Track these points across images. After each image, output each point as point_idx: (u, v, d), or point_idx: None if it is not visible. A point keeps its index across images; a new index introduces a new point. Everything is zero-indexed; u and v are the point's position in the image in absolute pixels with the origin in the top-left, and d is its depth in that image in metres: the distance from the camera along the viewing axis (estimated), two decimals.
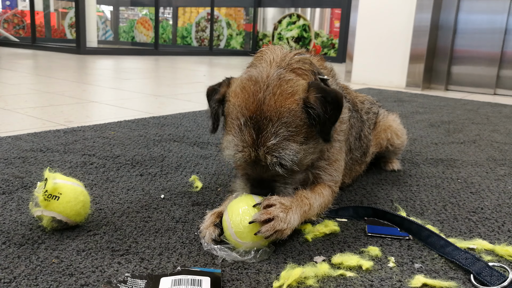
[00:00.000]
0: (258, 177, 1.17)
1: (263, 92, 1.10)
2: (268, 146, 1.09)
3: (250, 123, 1.09)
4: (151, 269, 1.02)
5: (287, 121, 1.09)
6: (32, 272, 0.98)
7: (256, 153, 1.11)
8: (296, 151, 1.11)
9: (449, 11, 5.32)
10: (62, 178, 1.20)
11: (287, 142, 1.10)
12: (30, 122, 2.51)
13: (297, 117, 1.10)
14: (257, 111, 1.09)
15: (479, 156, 2.25)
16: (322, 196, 1.30)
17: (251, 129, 1.09)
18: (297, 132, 1.11)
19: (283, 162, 1.11)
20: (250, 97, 1.11)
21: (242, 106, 1.12)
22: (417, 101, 4.30)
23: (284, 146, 1.10)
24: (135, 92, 3.98)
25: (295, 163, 1.13)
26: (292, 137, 1.10)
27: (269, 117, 1.08)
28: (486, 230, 1.33)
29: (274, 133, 1.08)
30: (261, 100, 1.09)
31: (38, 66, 6.01)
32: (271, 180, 1.18)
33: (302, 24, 10.95)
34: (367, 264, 1.07)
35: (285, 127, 1.09)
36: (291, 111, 1.10)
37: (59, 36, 12.80)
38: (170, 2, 13.51)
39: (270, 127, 1.08)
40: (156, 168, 1.78)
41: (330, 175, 1.36)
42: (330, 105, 1.12)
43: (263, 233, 1.07)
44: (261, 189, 1.17)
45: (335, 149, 1.37)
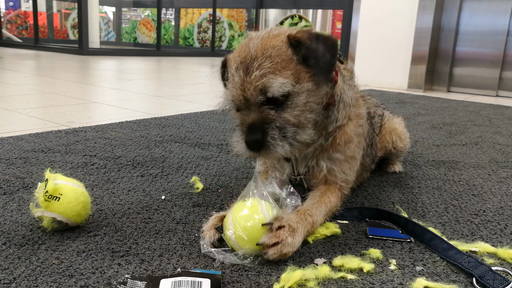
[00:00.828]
0: (250, 122, 1.14)
1: (253, 41, 1.17)
2: (252, 78, 1.11)
3: (240, 67, 1.14)
4: (151, 270, 1.02)
5: (270, 54, 1.11)
6: (32, 273, 0.98)
7: (244, 92, 1.12)
8: (282, 82, 1.10)
9: (451, 12, 5.31)
10: (62, 179, 1.20)
11: (272, 74, 1.10)
12: (32, 123, 2.51)
13: (282, 52, 1.12)
14: (247, 55, 1.14)
15: (481, 158, 2.24)
16: (329, 205, 1.29)
17: (240, 71, 1.13)
18: (284, 67, 1.11)
19: (267, 92, 1.10)
20: (242, 48, 1.18)
21: (236, 56, 1.18)
22: (419, 102, 4.29)
23: (268, 77, 1.10)
24: (137, 93, 3.98)
25: (283, 96, 1.11)
26: (277, 70, 1.11)
27: (255, 55, 1.12)
28: (488, 233, 1.32)
29: (258, 66, 1.11)
30: (251, 47, 1.15)
31: (40, 67, 6.02)
32: (263, 123, 1.13)
33: (304, 25, 10.95)
34: (368, 266, 1.06)
35: (269, 61, 1.11)
36: (275, 46, 1.13)
37: (61, 37, 12.84)
38: (172, 3, 13.53)
39: (255, 63, 1.11)
40: (157, 169, 1.78)
41: (343, 173, 1.35)
42: (322, 43, 1.13)
43: (269, 256, 1.06)
44: (253, 134, 1.12)
45: (354, 144, 1.35)
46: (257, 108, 1.13)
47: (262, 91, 1.10)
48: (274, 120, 1.13)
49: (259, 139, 1.12)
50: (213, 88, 4.77)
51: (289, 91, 1.11)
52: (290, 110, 1.14)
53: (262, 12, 11.66)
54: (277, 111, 1.13)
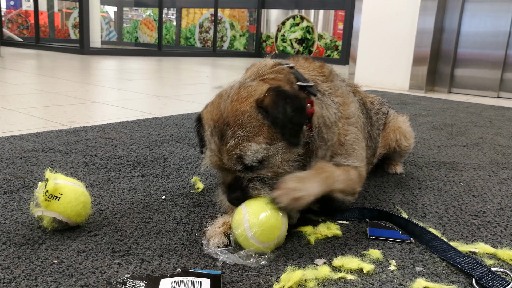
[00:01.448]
0: (230, 183, 1.17)
1: (224, 102, 1.16)
2: (227, 148, 1.12)
3: (214, 132, 1.15)
4: (151, 270, 1.02)
5: (242, 122, 1.12)
6: (32, 272, 0.98)
7: (221, 159, 1.14)
8: (256, 149, 1.11)
9: (453, 13, 5.31)
10: (63, 179, 1.20)
11: (246, 142, 1.11)
12: (33, 122, 2.52)
13: (252, 118, 1.12)
14: (219, 120, 1.14)
15: (481, 159, 2.24)
16: (348, 173, 1.30)
17: (216, 137, 1.14)
18: (256, 133, 1.12)
19: (244, 160, 1.11)
20: (214, 109, 1.18)
21: (209, 118, 1.18)
22: (420, 103, 4.29)
23: (242, 146, 1.11)
24: (138, 93, 3.99)
25: (259, 161, 1.12)
26: (250, 137, 1.11)
27: (227, 122, 1.13)
28: (488, 234, 1.32)
29: (232, 135, 1.11)
30: (222, 109, 1.15)
31: (41, 66, 6.03)
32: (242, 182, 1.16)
33: (305, 25, 10.95)
34: (368, 267, 1.06)
35: (241, 129, 1.11)
36: (245, 113, 1.12)
37: (62, 36, 12.85)
38: (173, 3, 13.54)
39: (229, 131, 1.12)
40: (157, 169, 1.78)
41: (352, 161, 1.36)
42: (289, 105, 1.12)
43: (279, 200, 1.08)
44: (233, 192, 1.16)
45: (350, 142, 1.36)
46: (235, 170, 1.15)
47: (238, 160, 1.12)
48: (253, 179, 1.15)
49: (239, 196, 1.15)
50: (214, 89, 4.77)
51: (263, 156, 1.12)
52: (267, 169, 1.16)
53: (263, 12, 11.66)
54: (255, 172, 1.15)
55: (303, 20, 10.98)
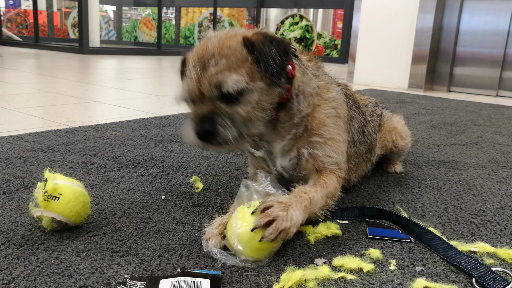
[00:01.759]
0: (202, 114, 1.16)
1: (212, 41, 1.20)
2: (208, 74, 1.14)
3: (197, 63, 1.17)
4: (150, 270, 1.02)
5: (227, 53, 1.15)
6: (31, 273, 0.98)
7: (200, 86, 1.15)
8: (236, 79, 1.13)
9: (452, 12, 5.31)
10: (62, 179, 1.20)
11: (227, 71, 1.14)
12: (32, 122, 2.51)
13: (237, 52, 1.16)
14: (204, 53, 1.17)
15: (481, 158, 2.24)
16: (325, 186, 1.28)
17: (197, 67, 1.16)
18: (239, 65, 1.15)
19: (222, 88, 1.12)
20: (201, 47, 1.21)
21: (194, 54, 1.21)
22: (419, 102, 4.29)
23: (224, 73, 1.13)
24: (137, 92, 3.98)
25: (237, 92, 1.13)
26: (232, 68, 1.14)
27: (211, 53, 1.16)
28: (488, 233, 1.32)
29: (215, 64, 1.14)
30: (209, 45, 1.19)
31: (40, 66, 6.02)
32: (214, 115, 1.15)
33: (304, 24, 10.94)
34: (368, 266, 1.06)
35: (225, 59, 1.15)
36: (231, 46, 1.17)
37: (62, 35, 12.83)
38: (173, 2, 13.52)
39: (212, 61, 1.15)
40: (157, 168, 1.78)
41: (329, 156, 1.33)
42: (274, 46, 1.16)
43: (267, 237, 1.04)
44: (204, 124, 1.14)
45: (328, 126, 1.34)
46: (211, 102, 1.16)
47: (217, 86, 1.13)
48: (226, 112, 1.15)
49: (209, 129, 1.14)
50: None
51: (243, 88, 1.14)
52: (242, 106, 1.16)
53: (263, 11, 11.65)
54: (230, 106, 1.15)
55: (302, 19, 10.98)
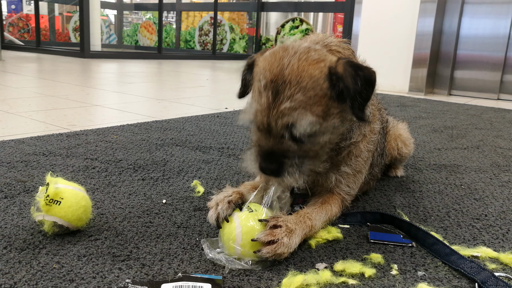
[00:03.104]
0: (269, 149, 1.08)
1: (289, 57, 1.07)
2: (281, 109, 1.02)
3: (269, 86, 1.05)
4: (152, 275, 1.02)
5: (306, 86, 1.03)
6: (32, 277, 0.98)
7: (269, 118, 1.04)
8: (311, 121, 1.02)
9: (452, 16, 5.32)
10: (63, 183, 1.20)
11: (302, 109, 1.02)
12: (33, 126, 2.52)
13: (318, 85, 1.04)
14: (279, 75, 1.05)
15: (482, 162, 2.24)
16: (329, 213, 1.29)
17: (269, 92, 1.04)
18: (316, 102, 1.03)
19: (294, 129, 1.03)
20: (275, 61, 1.08)
21: (266, 69, 1.08)
22: (420, 106, 4.29)
23: (298, 112, 1.02)
24: (138, 96, 3.99)
25: (308, 135, 1.05)
26: (309, 105, 1.03)
27: (288, 80, 1.03)
28: (490, 238, 1.32)
29: (290, 96, 1.02)
30: (285, 65, 1.05)
31: (42, 70, 6.03)
32: (282, 155, 1.08)
33: (305, 28, 10.96)
34: (369, 271, 1.06)
35: (302, 93, 1.02)
36: (312, 77, 1.04)
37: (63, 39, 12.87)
38: (173, 6, 13.56)
39: (287, 91, 1.02)
40: (158, 172, 1.78)
41: (348, 187, 1.34)
42: (361, 80, 1.05)
43: (263, 254, 1.06)
44: (270, 163, 1.08)
45: (363, 160, 1.34)
46: (279, 137, 1.06)
47: (289, 127, 1.04)
48: (294, 154, 1.08)
49: (275, 170, 1.08)
50: (214, 92, 4.78)
51: (315, 130, 1.05)
52: (311, 146, 1.09)
53: (263, 15, 11.68)
54: (299, 145, 1.08)
55: (302, 23, 11.00)
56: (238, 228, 1.09)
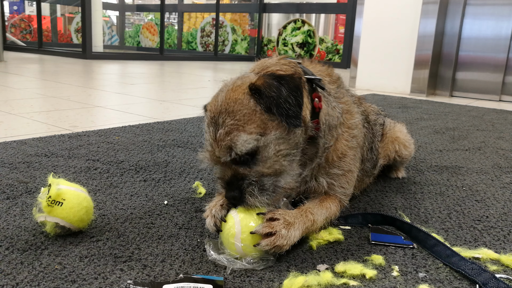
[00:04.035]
0: (227, 179, 1.14)
1: (221, 93, 1.15)
2: (219, 138, 1.09)
3: (210, 123, 1.13)
4: (153, 276, 1.02)
5: (233, 110, 1.09)
6: (34, 278, 0.98)
7: (214, 151, 1.12)
8: (245, 140, 1.07)
9: (454, 17, 5.32)
10: (65, 184, 1.20)
11: (235, 131, 1.08)
12: (35, 127, 2.53)
13: (243, 105, 1.09)
14: (215, 110, 1.13)
15: (484, 163, 2.24)
16: (329, 210, 1.29)
17: (211, 128, 1.13)
18: (247, 121, 1.08)
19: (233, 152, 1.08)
20: (213, 100, 1.16)
21: (209, 108, 1.16)
22: (422, 107, 4.28)
23: (232, 135, 1.08)
24: (140, 97, 4.00)
25: (251, 153, 1.09)
26: (241, 126, 1.08)
27: (219, 111, 1.11)
28: (492, 239, 1.32)
29: (222, 124, 1.09)
30: (218, 100, 1.14)
31: (44, 71, 6.05)
32: (237, 180, 1.12)
33: (306, 29, 10.97)
34: (370, 272, 1.06)
35: (231, 117, 1.09)
36: (236, 100, 1.10)
37: (65, 40, 12.90)
38: (175, 8, 13.59)
39: (220, 121, 1.10)
40: (159, 173, 1.78)
41: (342, 187, 1.35)
42: (285, 87, 1.09)
43: (262, 246, 1.07)
44: (231, 191, 1.12)
45: (349, 157, 1.34)
46: (230, 165, 1.12)
47: (228, 151, 1.09)
48: (247, 176, 1.11)
49: (236, 196, 1.12)
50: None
51: (254, 146, 1.08)
52: (262, 163, 1.11)
53: (265, 16, 11.69)
54: (250, 166, 1.11)
55: (304, 24, 11.00)
56: (237, 224, 1.10)
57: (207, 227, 1.18)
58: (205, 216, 1.20)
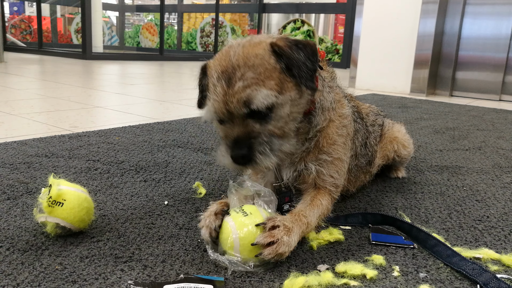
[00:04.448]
0: (235, 136, 1.10)
1: (234, 49, 1.14)
2: (235, 91, 1.07)
3: (222, 77, 1.10)
4: (154, 276, 1.02)
5: (254, 64, 1.09)
6: (35, 278, 0.98)
7: (227, 104, 1.09)
8: (266, 94, 1.06)
9: (454, 17, 5.32)
10: (66, 184, 1.20)
11: (255, 85, 1.07)
12: (36, 127, 2.53)
13: (264, 61, 1.10)
14: (228, 65, 1.11)
15: (484, 163, 2.24)
16: (320, 207, 1.29)
17: (222, 81, 1.10)
18: (267, 77, 1.09)
19: (251, 105, 1.06)
20: (223, 56, 1.15)
21: (216, 64, 1.14)
22: (422, 107, 4.28)
23: (252, 88, 1.06)
24: (140, 98, 4.00)
25: (267, 108, 1.08)
26: (260, 80, 1.08)
27: (236, 65, 1.09)
28: (492, 239, 1.32)
29: (241, 77, 1.08)
30: (232, 55, 1.12)
31: (44, 71, 6.05)
32: (249, 138, 1.10)
33: (306, 29, 10.97)
34: (371, 273, 1.06)
35: (252, 71, 1.08)
36: (258, 55, 1.10)
37: (65, 41, 12.91)
38: (175, 8, 13.60)
39: (237, 74, 1.08)
40: (160, 174, 1.78)
41: (331, 177, 1.34)
42: (302, 51, 1.12)
43: (265, 256, 1.05)
44: (239, 149, 1.09)
45: (338, 145, 1.35)
46: (241, 120, 1.10)
47: (246, 104, 1.07)
48: (260, 134, 1.10)
49: (246, 154, 1.09)
50: None
51: (273, 102, 1.08)
52: (274, 122, 1.11)
53: (264, 17, 11.70)
54: (262, 124, 1.10)
55: (304, 24, 11.00)
56: (234, 234, 1.08)
57: (203, 238, 1.16)
58: (200, 227, 1.18)
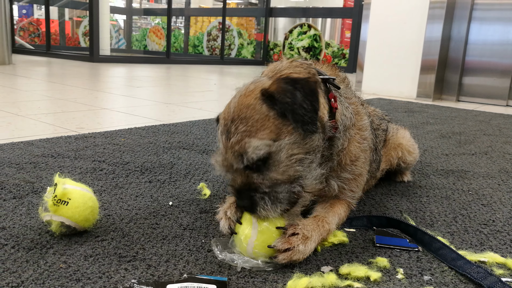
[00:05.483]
0: (237, 188, 1.11)
1: (233, 99, 1.13)
2: (231, 145, 1.07)
3: (223, 130, 1.11)
4: (157, 276, 1.02)
5: (245, 116, 1.06)
6: (39, 276, 0.99)
7: (226, 159, 1.09)
8: (257, 146, 1.03)
9: (461, 22, 5.30)
10: (71, 184, 1.21)
11: (247, 138, 1.05)
12: (42, 128, 2.55)
13: (255, 111, 1.06)
14: (228, 117, 1.10)
15: (490, 167, 2.22)
16: (340, 216, 1.30)
17: (223, 135, 1.10)
18: (259, 127, 1.05)
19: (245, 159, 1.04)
20: (226, 108, 1.14)
21: (221, 117, 1.14)
22: (428, 111, 4.27)
23: (243, 142, 1.05)
24: (146, 100, 4.02)
25: (262, 159, 1.05)
26: (253, 132, 1.05)
27: (232, 117, 1.09)
28: (498, 243, 1.31)
29: (235, 131, 1.06)
30: (231, 107, 1.11)
31: (52, 73, 6.10)
32: (251, 190, 1.08)
33: (313, 34, 10.98)
34: (375, 275, 1.06)
35: (244, 123, 1.06)
36: (249, 106, 1.07)
37: (73, 44, 13.01)
38: (182, 12, 13.68)
39: (233, 128, 1.07)
40: (165, 175, 1.79)
41: (352, 191, 1.35)
42: (300, 91, 1.05)
43: (279, 260, 1.07)
44: (241, 200, 1.10)
45: (360, 161, 1.34)
46: (242, 172, 1.09)
47: (240, 158, 1.06)
48: (260, 184, 1.08)
49: (247, 206, 1.09)
50: (222, 96, 4.79)
51: (264, 153, 1.04)
52: (274, 168, 1.07)
53: (271, 21, 11.73)
54: (261, 174, 1.08)
55: (310, 29, 11.02)
56: (254, 225, 1.10)
57: (221, 230, 1.17)
58: (218, 218, 1.19)
